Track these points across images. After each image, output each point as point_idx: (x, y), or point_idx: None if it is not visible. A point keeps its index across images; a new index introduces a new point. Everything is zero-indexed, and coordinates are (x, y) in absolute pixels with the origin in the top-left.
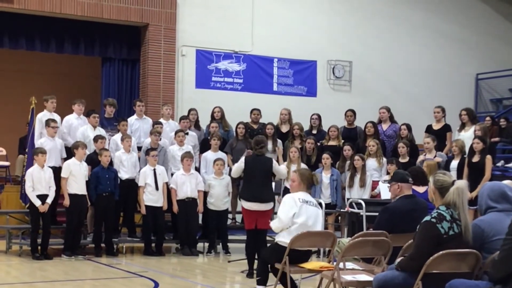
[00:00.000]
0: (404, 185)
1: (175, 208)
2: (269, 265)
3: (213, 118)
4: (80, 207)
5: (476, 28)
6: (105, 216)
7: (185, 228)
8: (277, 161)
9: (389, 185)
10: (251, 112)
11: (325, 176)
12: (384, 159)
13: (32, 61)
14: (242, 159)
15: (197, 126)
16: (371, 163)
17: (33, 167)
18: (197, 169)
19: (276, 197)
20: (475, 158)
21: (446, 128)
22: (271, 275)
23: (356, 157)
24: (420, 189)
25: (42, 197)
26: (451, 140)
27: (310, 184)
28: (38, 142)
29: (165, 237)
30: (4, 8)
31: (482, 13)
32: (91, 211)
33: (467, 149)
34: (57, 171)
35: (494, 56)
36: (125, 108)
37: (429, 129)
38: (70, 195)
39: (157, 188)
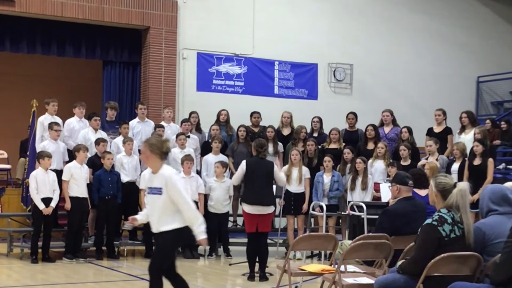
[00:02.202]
0: (402, 188)
1: None
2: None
3: (218, 120)
4: (81, 210)
5: (477, 31)
6: (107, 219)
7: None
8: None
9: (390, 185)
10: (251, 115)
11: (326, 179)
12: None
13: (33, 65)
14: (243, 164)
15: (198, 129)
16: (379, 165)
17: (37, 170)
18: (199, 172)
19: (277, 200)
20: (476, 161)
21: (447, 131)
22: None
23: (358, 160)
24: (422, 192)
25: (46, 200)
26: (452, 143)
27: (163, 154)
28: (41, 145)
29: None
30: (6, 11)
31: (483, 16)
32: (92, 214)
33: (468, 152)
34: (59, 174)
35: (495, 59)
36: (126, 111)
37: (430, 132)
38: (71, 198)
39: None
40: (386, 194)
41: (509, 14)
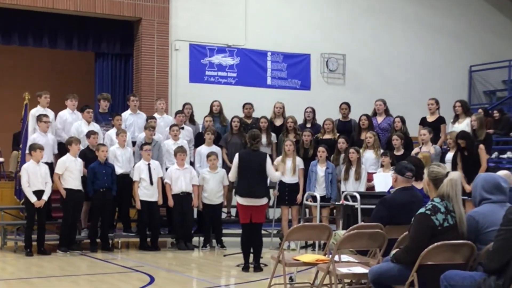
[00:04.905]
0: (399, 178)
1: (170, 202)
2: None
3: (211, 112)
4: (75, 202)
5: (469, 20)
6: (102, 211)
7: (180, 222)
8: (271, 155)
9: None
10: (244, 106)
11: (320, 169)
12: (382, 151)
13: (25, 57)
14: (236, 157)
15: (191, 120)
16: (369, 155)
17: (29, 162)
18: (192, 164)
19: (271, 191)
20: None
21: (440, 120)
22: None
23: (351, 150)
24: (417, 184)
25: (38, 193)
26: (446, 132)
27: None
28: (31, 138)
29: (161, 231)
30: None
31: (474, 6)
32: (85, 206)
33: None
34: (49, 166)
35: (487, 48)
36: (119, 103)
37: (423, 122)
38: (66, 190)
39: (151, 183)
40: (380, 184)
41: (501, 3)
